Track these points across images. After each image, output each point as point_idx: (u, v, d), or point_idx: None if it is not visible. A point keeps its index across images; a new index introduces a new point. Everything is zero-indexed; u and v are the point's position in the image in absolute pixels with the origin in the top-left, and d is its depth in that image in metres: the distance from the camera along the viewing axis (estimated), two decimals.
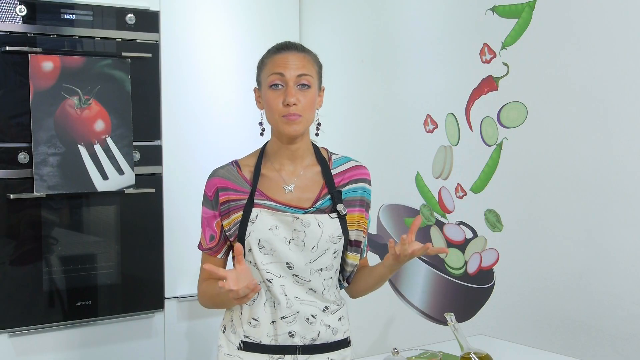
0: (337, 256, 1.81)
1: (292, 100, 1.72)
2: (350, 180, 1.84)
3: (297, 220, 1.75)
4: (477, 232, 2.53)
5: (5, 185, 2.62)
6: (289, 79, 1.74)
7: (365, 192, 1.86)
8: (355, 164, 1.88)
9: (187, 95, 3.01)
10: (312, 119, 1.79)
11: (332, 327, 1.82)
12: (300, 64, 1.76)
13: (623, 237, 2.08)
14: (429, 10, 2.71)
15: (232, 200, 1.80)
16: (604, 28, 2.11)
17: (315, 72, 1.80)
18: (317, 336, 1.79)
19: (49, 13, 2.70)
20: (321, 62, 1.86)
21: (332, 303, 1.83)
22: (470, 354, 1.74)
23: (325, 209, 1.79)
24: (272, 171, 1.83)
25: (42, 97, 2.65)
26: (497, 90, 2.44)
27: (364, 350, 2.90)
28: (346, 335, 1.86)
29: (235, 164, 1.85)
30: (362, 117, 3.04)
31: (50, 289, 2.72)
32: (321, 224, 1.76)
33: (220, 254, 1.87)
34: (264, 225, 1.75)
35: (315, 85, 1.79)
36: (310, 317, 1.78)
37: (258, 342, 1.79)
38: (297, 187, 1.81)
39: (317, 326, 1.79)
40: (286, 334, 1.77)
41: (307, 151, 1.84)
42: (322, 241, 1.76)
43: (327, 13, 3.23)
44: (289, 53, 1.78)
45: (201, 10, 3.06)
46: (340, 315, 1.86)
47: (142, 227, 2.92)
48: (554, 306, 2.27)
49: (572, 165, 2.21)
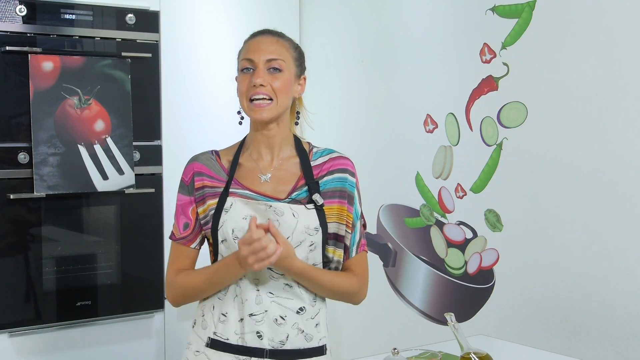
0: (314, 249, 1.72)
1: (259, 81, 1.69)
2: (329, 171, 1.77)
3: (270, 208, 1.69)
4: (477, 232, 2.53)
5: (5, 185, 2.62)
6: (258, 62, 1.71)
7: (347, 183, 1.77)
8: (337, 155, 1.81)
9: (187, 95, 3.01)
10: (285, 105, 1.75)
11: (307, 332, 1.74)
12: (271, 48, 1.73)
13: (623, 237, 2.08)
14: (429, 10, 2.71)
15: (207, 186, 1.75)
16: (604, 28, 2.11)
17: (291, 58, 1.76)
18: (285, 339, 1.71)
19: (49, 13, 2.70)
20: (302, 50, 1.82)
21: (308, 304, 1.74)
22: (470, 354, 1.74)
23: (302, 199, 1.73)
24: (250, 161, 1.79)
25: (42, 97, 2.65)
26: (497, 90, 2.44)
27: (364, 350, 2.90)
28: (322, 343, 1.77)
29: (214, 152, 1.82)
30: (362, 117, 3.04)
31: (51, 289, 2.72)
32: (296, 214, 1.70)
33: (194, 243, 1.80)
34: (237, 215, 1.70)
35: (289, 70, 1.74)
36: (279, 318, 1.71)
37: (225, 340, 1.73)
38: (273, 177, 1.76)
39: (286, 328, 1.71)
40: (254, 333, 1.70)
41: (285, 141, 1.80)
42: (297, 232, 1.69)
43: (327, 13, 3.23)
44: (261, 37, 1.76)
45: (201, 10, 3.07)
46: (318, 322, 1.77)
47: (142, 227, 2.92)
48: (554, 306, 2.27)
49: (572, 165, 2.21)
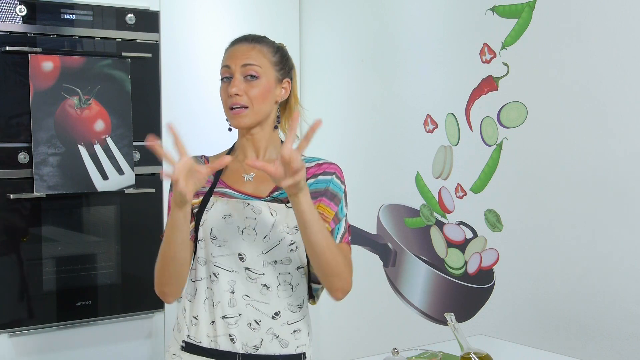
0: (295, 250, 1.69)
1: (234, 91, 1.70)
2: (314, 174, 1.74)
3: (247, 206, 1.69)
4: (477, 232, 2.53)
5: (5, 185, 2.62)
6: (234, 70, 1.72)
7: (332, 183, 1.74)
8: (324, 161, 1.78)
9: (187, 95, 3.01)
10: (264, 111, 1.73)
11: (282, 338, 1.70)
12: (246, 55, 1.72)
13: (623, 237, 2.08)
14: (429, 10, 2.71)
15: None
16: (604, 28, 2.11)
17: (268, 62, 1.74)
18: (259, 344, 1.68)
19: (49, 13, 2.70)
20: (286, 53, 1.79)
21: (285, 308, 1.70)
22: (470, 354, 1.74)
23: (284, 199, 1.70)
24: (236, 162, 1.79)
25: (42, 97, 2.65)
26: (497, 90, 2.44)
27: (364, 350, 2.90)
28: (300, 351, 1.72)
29: (203, 157, 1.83)
30: (362, 117, 3.04)
31: (50, 289, 2.72)
32: (274, 213, 1.68)
33: None
34: (217, 214, 1.70)
35: (267, 76, 1.72)
36: (253, 322, 1.68)
37: (198, 343, 1.71)
38: (256, 177, 1.75)
39: (260, 333, 1.68)
40: (226, 336, 1.68)
41: (271, 143, 1.78)
42: (275, 230, 1.67)
43: (327, 13, 3.23)
44: (238, 45, 1.76)
45: (201, 10, 3.07)
46: (296, 329, 1.72)
47: (142, 227, 2.92)
48: (554, 306, 2.27)
49: (572, 165, 2.21)
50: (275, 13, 3.24)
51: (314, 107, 3.27)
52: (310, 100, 3.29)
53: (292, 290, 1.73)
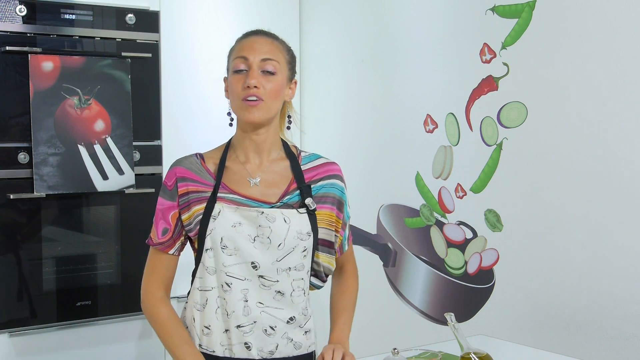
0: (307, 255, 1.69)
1: (253, 83, 1.63)
2: (321, 177, 1.74)
3: (261, 215, 1.64)
4: (477, 232, 2.53)
5: (5, 185, 2.62)
6: (253, 62, 1.66)
7: (336, 189, 1.75)
8: (326, 160, 1.79)
9: (187, 95, 3.01)
10: (276, 108, 1.70)
11: (296, 341, 1.71)
12: (266, 48, 1.68)
13: (623, 237, 2.08)
14: (429, 10, 2.71)
15: (192, 192, 1.69)
16: (604, 28, 2.11)
17: (284, 60, 1.71)
18: (275, 349, 1.68)
19: (49, 13, 2.71)
20: (295, 54, 1.78)
21: (299, 313, 1.71)
22: (470, 354, 1.74)
23: (294, 204, 1.68)
24: (237, 164, 1.73)
25: (42, 97, 2.65)
26: (497, 90, 2.44)
27: (364, 350, 2.90)
28: (310, 350, 1.75)
29: (199, 156, 1.76)
30: (362, 117, 3.04)
31: (51, 289, 2.72)
32: (288, 220, 1.65)
33: (173, 249, 1.74)
34: (226, 222, 1.64)
35: (282, 73, 1.69)
36: (268, 329, 1.67)
37: (211, 352, 1.68)
38: (263, 181, 1.70)
39: (275, 338, 1.67)
40: (242, 344, 1.66)
41: (274, 145, 1.75)
42: (290, 238, 1.65)
43: (327, 13, 3.23)
44: (256, 37, 1.71)
45: (201, 10, 3.07)
46: (307, 329, 1.74)
47: (142, 227, 2.91)
48: (554, 306, 2.27)
49: (572, 165, 2.21)
50: (275, 13, 3.24)
51: (314, 107, 3.28)
52: (310, 100, 3.29)
53: (305, 295, 1.73)
